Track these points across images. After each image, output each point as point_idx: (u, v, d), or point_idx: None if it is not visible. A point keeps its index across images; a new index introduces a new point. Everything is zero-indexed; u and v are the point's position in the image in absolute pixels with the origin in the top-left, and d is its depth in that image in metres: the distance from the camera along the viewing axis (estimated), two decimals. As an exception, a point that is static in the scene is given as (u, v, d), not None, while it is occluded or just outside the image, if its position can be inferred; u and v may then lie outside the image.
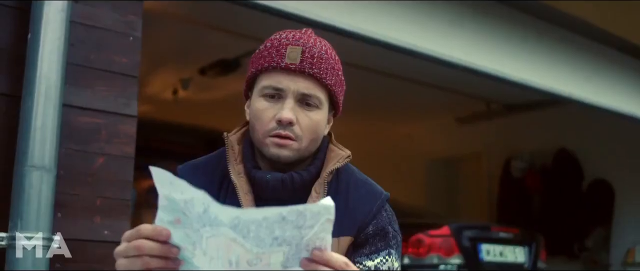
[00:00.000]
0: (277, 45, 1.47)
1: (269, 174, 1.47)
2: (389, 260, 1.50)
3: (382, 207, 1.54)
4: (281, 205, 1.43)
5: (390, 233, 1.52)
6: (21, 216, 2.00)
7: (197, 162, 1.61)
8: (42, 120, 2.06)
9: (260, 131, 1.45)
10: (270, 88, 1.44)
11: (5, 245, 1.99)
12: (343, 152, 1.56)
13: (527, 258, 6.17)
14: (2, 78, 2.15)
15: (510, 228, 6.27)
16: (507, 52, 5.05)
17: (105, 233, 2.26)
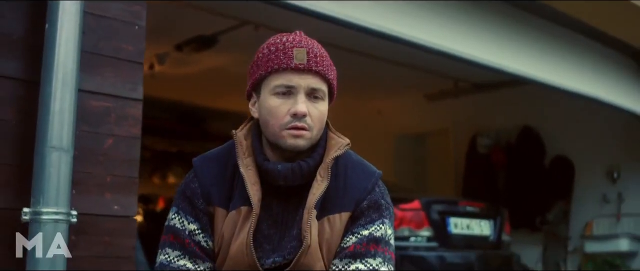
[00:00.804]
0: (282, 48, 1.68)
1: (280, 165, 1.69)
2: (383, 228, 1.74)
3: (376, 184, 1.78)
4: (290, 191, 1.66)
5: (383, 205, 1.76)
6: (43, 193, 2.19)
7: (210, 154, 1.83)
8: (60, 104, 2.24)
9: (276, 125, 1.66)
10: (282, 87, 1.66)
11: (28, 219, 2.18)
12: (342, 140, 1.78)
13: (492, 231, 6.47)
14: (20, 65, 2.32)
15: (476, 203, 6.55)
16: (474, 35, 5.27)
17: (115, 208, 2.46)
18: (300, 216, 1.70)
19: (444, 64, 6.53)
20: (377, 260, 1.69)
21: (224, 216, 1.73)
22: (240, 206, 1.71)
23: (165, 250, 1.75)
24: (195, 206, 1.75)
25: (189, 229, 1.74)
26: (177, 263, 1.72)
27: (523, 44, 5.77)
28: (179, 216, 1.76)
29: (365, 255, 1.69)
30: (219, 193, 1.75)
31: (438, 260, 5.72)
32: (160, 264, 1.74)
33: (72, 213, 2.24)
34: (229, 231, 1.71)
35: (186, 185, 1.79)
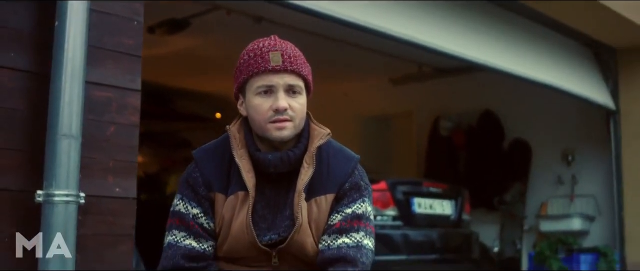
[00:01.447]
0: (259, 53, 1.93)
1: (270, 154, 1.94)
2: (363, 206, 2.00)
3: (355, 168, 2.04)
4: (279, 177, 1.91)
5: (362, 186, 2.03)
6: (54, 177, 2.40)
7: (208, 147, 2.07)
8: (69, 96, 2.44)
9: (261, 120, 1.91)
10: (263, 87, 1.91)
11: (42, 201, 2.39)
12: (323, 130, 2.03)
13: (454, 210, 6.76)
14: (31, 59, 2.51)
15: (439, 184, 6.83)
16: (437, 24, 5.48)
17: (116, 190, 2.68)
18: (291, 199, 1.95)
19: (408, 49, 6.75)
20: (360, 233, 1.96)
21: (223, 201, 1.97)
22: (237, 192, 1.95)
23: (172, 232, 1.98)
24: (197, 193, 1.98)
25: (192, 213, 1.97)
26: (183, 242, 1.95)
27: (484, 34, 6.02)
28: (183, 202, 1.99)
29: (350, 230, 1.95)
30: (218, 181, 1.99)
31: (402, 237, 5.98)
32: (168, 244, 1.97)
33: (81, 195, 2.45)
34: (229, 213, 1.95)
35: (188, 174, 2.02)
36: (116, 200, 2.69)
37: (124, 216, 2.72)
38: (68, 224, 2.41)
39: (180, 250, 1.93)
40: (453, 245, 6.67)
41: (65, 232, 2.40)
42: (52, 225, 2.39)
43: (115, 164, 2.68)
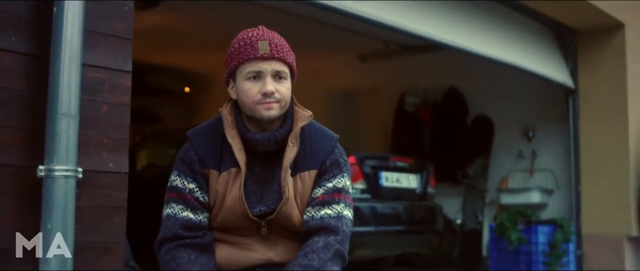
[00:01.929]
0: (249, 42, 2.13)
1: (258, 135, 2.15)
2: (343, 180, 2.23)
3: (335, 146, 2.27)
4: (270, 156, 2.11)
5: (342, 163, 2.25)
6: (55, 153, 2.57)
7: (202, 127, 2.27)
8: (67, 77, 2.61)
9: (251, 102, 2.11)
10: (253, 72, 2.11)
11: (43, 175, 2.56)
12: (306, 112, 2.25)
13: (419, 184, 7.02)
14: (30, 42, 2.67)
15: (405, 159, 7.07)
16: (403, 5, 5.63)
17: (110, 165, 2.86)
18: (278, 174, 2.16)
19: (376, 28, 6.94)
20: (340, 205, 2.18)
21: (216, 176, 2.17)
22: (230, 168, 2.16)
23: (170, 205, 2.18)
24: (193, 169, 2.18)
25: (188, 187, 2.17)
26: (181, 214, 2.15)
27: (449, 14, 6.18)
28: (180, 177, 2.19)
29: (331, 202, 2.18)
30: (211, 159, 2.19)
31: (370, 210, 6.21)
32: (167, 216, 2.17)
33: (79, 170, 2.63)
34: (222, 188, 2.16)
35: (184, 153, 2.22)
36: (110, 175, 2.87)
37: (118, 190, 2.90)
38: (67, 197, 2.59)
39: (178, 221, 2.14)
40: (418, 217, 6.92)
41: (65, 205, 2.58)
42: (53, 198, 2.57)
43: (109, 141, 2.86)
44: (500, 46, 6.79)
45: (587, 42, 7.83)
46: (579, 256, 7.53)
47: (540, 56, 7.41)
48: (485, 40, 6.61)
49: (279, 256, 2.17)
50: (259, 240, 2.17)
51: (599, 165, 7.70)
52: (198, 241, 2.13)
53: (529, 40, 7.35)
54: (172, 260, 2.08)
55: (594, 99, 7.77)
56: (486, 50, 6.50)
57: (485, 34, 6.66)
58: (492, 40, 6.73)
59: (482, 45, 6.51)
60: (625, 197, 7.48)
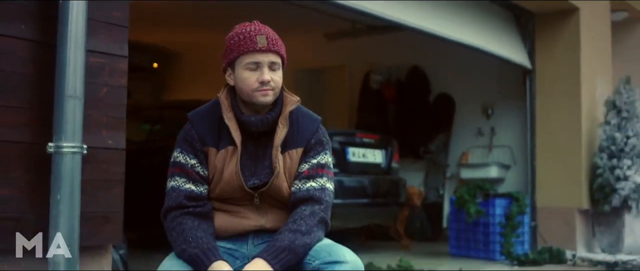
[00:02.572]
0: (248, 36, 2.41)
1: (253, 117, 2.44)
2: (325, 157, 2.54)
3: (318, 127, 2.57)
4: (262, 136, 2.41)
5: (324, 142, 2.56)
6: (63, 132, 2.83)
7: (201, 109, 2.55)
8: (73, 63, 2.87)
9: (250, 89, 2.40)
10: (252, 63, 2.40)
11: (53, 151, 2.83)
12: (294, 98, 2.54)
13: (384, 159, 7.36)
14: (38, 31, 2.92)
15: (371, 135, 7.40)
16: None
17: (109, 142, 3.13)
18: (270, 152, 2.46)
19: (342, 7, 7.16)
20: (323, 179, 2.50)
21: (215, 153, 2.47)
22: (227, 146, 2.45)
23: (174, 178, 2.47)
24: (194, 147, 2.47)
25: (190, 163, 2.46)
26: (185, 186, 2.44)
27: None
28: (182, 154, 2.48)
29: (316, 176, 2.49)
30: (210, 137, 2.48)
31: (338, 184, 6.52)
32: (172, 187, 2.46)
33: (84, 147, 2.91)
34: (220, 163, 2.45)
35: (186, 132, 2.51)
36: (109, 151, 3.14)
37: (116, 165, 3.18)
38: (74, 171, 2.86)
39: (182, 192, 2.43)
40: (383, 190, 7.30)
41: (72, 178, 2.85)
42: (61, 172, 2.83)
43: (108, 120, 3.13)
44: (462, 28, 7.09)
45: (544, 25, 8.21)
46: (533, 227, 7.93)
47: (500, 38, 7.75)
48: (447, 22, 6.89)
49: (270, 223, 2.47)
50: (252, 209, 2.48)
51: (553, 142, 8.09)
52: (199, 210, 2.43)
53: (490, 23, 7.67)
54: (178, 225, 2.37)
55: (549, 79, 8.15)
56: (448, 33, 6.79)
57: (447, 16, 6.93)
58: (454, 22, 7.02)
59: (444, 27, 6.78)
60: (577, 173, 7.92)
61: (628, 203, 7.57)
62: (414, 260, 6.04)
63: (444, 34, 6.74)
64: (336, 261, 2.24)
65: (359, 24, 9.33)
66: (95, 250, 3.12)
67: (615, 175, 7.57)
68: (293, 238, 2.29)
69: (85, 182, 2.96)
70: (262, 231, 2.48)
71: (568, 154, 7.98)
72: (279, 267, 2.23)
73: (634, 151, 7.59)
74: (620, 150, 7.64)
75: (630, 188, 7.50)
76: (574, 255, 7.22)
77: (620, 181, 7.55)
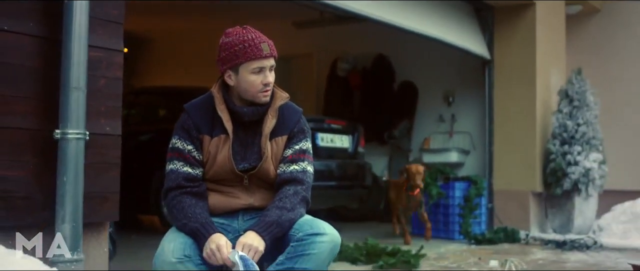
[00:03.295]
0: (253, 44, 2.73)
1: (245, 108, 2.79)
2: (307, 143, 2.90)
3: (300, 117, 2.93)
4: (250, 124, 2.76)
5: (305, 130, 2.92)
6: (68, 120, 3.14)
7: (195, 102, 2.89)
8: (77, 58, 3.18)
9: (255, 90, 2.74)
10: (257, 68, 2.73)
11: (59, 137, 3.14)
12: (284, 94, 2.90)
13: (351, 144, 7.72)
14: (44, 27, 3.22)
15: (339, 121, 7.75)
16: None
17: (107, 129, 3.45)
18: (258, 139, 2.82)
19: (308, 0, 7.39)
20: (305, 162, 2.86)
21: (209, 140, 2.81)
22: (220, 135, 2.80)
23: (173, 162, 2.80)
24: (190, 134, 2.81)
25: (187, 149, 2.80)
26: (182, 169, 2.78)
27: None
28: (180, 141, 2.81)
29: (298, 160, 2.85)
30: (204, 126, 2.82)
31: (307, 167, 6.87)
32: (170, 170, 2.80)
33: (86, 133, 3.22)
34: (214, 149, 2.80)
35: (183, 121, 2.84)
36: (107, 137, 3.46)
37: (113, 149, 3.50)
38: (78, 155, 3.18)
39: (180, 174, 2.77)
40: (349, 173, 7.65)
41: (77, 162, 3.17)
42: (67, 156, 3.15)
43: (106, 109, 3.45)
44: (425, 21, 7.43)
45: (502, 18, 8.63)
46: (490, 209, 8.40)
47: (460, 30, 8.13)
48: (411, 15, 7.21)
49: (258, 202, 2.83)
50: (242, 189, 2.83)
51: (510, 129, 8.53)
52: (196, 190, 2.78)
53: (452, 16, 8.05)
54: (178, 203, 2.72)
55: (507, 69, 8.59)
56: (412, 25, 7.11)
57: (411, 9, 7.25)
58: (418, 15, 7.35)
59: (409, 20, 7.10)
60: (532, 158, 8.38)
61: (578, 186, 8.07)
62: (379, 239, 6.40)
63: (408, 26, 7.04)
64: (317, 234, 2.61)
65: (327, 14, 9.51)
66: (94, 227, 3.45)
67: (567, 160, 8.06)
68: (280, 214, 2.65)
69: (85, 165, 3.28)
70: (251, 208, 2.84)
71: (523, 140, 8.43)
72: (268, 238, 2.59)
73: (583, 138, 8.08)
74: (571, 137, 8.12)
75: (580, 172, 8.00)
76: (527, 235, 7.68)
77: (571, 166, 8.04)
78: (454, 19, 8.11)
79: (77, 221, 3.17)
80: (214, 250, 2.52)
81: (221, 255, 2.51)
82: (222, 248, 2.52)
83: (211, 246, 2.53)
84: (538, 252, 6.57)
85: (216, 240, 2.56)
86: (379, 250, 5.68)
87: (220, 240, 2.56)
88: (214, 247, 2.52)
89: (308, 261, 2.57)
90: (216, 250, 2.52)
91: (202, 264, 2.58)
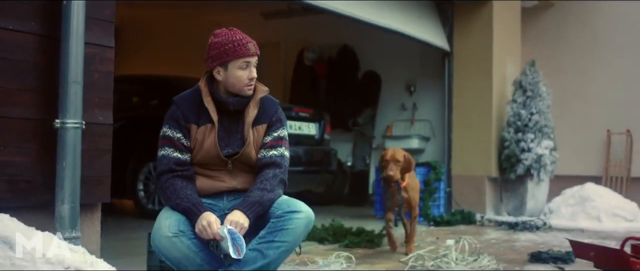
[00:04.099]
0: (241, 44, 3.10)
1: (231, 98, 3.17)
2: (283, 131, 3.29)
3: (277, 108, 3.31)
4: (233, 114, 3.14)
5: (282, 119, 3.31)
6: (67, 110, 3.47)
7: (183, 95, 3.24)
8: (75, 54, 3.50)
9: (242, 84, 3.12)
10: (244, 64, 3.11)
11: (59, 126, 3.47)
12: (263, 88, 3.28)
13: (317, 131, 8.08)
14: (44, 26, 3.54)
15: (306, 109, 8.09)
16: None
17: (100, 119, 3.78)
18: (241, 127, 3.19)
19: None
20: (282, 148, 3.25)
21: (196, 129, 3.17)
22: (206, 124, 3.17)
23: (164, 148, 3.17)
24: (179, 123, 3.17)
25: (177, 136, 3.16)
26: (173, 155, 3.15)
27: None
28: (170, 129, 3.17)
29: (276, 146, 3.23)
30: (192, 116, 3.18)
31: (276, 154, 7.22)
32: (162, 156, 3.16)
33: (83, 123, 3.56)
34: (201, 137, 3.16)
35: (173, 112, 3.20)
36: (100, 126, 3.80)
37: (105, 137, 3.84)
38: (76, 143, 3.52)
39: (171, 159, 3.13)
40: (316, 159, 8.02)
41: (75, 149, 3.50)
42: (66, 144, 3.48)
43: (99, 100, 3.78)
44: (388, 15, 7.80)
45: (462, 13, 9.07)
46: (448, 192, 8.87)
47: (422, 24, 8.53)
48: (374, 9, 7.58)
49: (240, 185, 3.21)
50: (226, 173, 3.20)
51: (468, 118, 8.99)
52: (185, 173, 3.14)
53: (414, 10, 8.43)
54: (170, 186, 3.08)
55: (465, 61, 9.03)
56: (374, 18, 7.48)
57: (375, 3, 7.63)
58: (381, 9, 7.73)
59: (371, 13, 7.46)
60: (488, 145, 8.87)
61: (531, 171, 8.59)
62: (344, 220, 6.78)
63: (372, 20, 7.42)
64: (294, 211, 3.01)
65: (294, 5, 9.88)
66: (89, 208, 3.79)
67: (520, 147, 8.57)
68: (261, 195, 3.04)
69: (83, 152, 3.61)
70: (234, 191, 3.22)
71: (480, 128, 8.90)
72: (252, 216, 2.98)
73: (536, 126, 8.59)
74: (524, 125, 8.62)
75: (533, 158, 8.51)
76: (482, 217, 8.16)
77: (524, 152, 8.56)
78: (416, 13, 8.50)
79: (75, 202, 3.51)
80: (205, 226, 2.89)
81: (211, 229, 2.89)
82: (212, 224, 2.90)
83: (202, 223, 2.91)
84: (492, 232, 7.04)
85: (206, 217, 2.93)
86: (345, 230, 6.10)
87: (210, 217, 2.94)
88: (205, 223, 2.90)
89: (286, 235, 2.97)
90: (207, 226, 2.89)
91: (195, 238, 2.96)
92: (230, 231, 2.86)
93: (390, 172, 5.27)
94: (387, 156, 5.39)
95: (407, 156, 5.41)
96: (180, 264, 2.95)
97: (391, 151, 5.43)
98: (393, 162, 5.32)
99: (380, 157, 5.50)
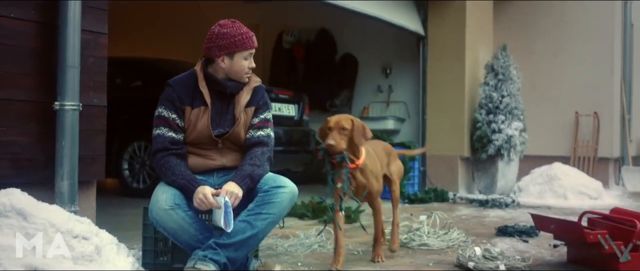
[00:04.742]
0: (247, 37, 3.39)
1: (229, 82, 3.43)
2: (269, 114, 3.58)
3: (264, 93, 3.59)
4: (225, 97, 3.41)
5: (268, 103, 3.60)
6: (66, 93, 3.71)
7: (178, 78, 3.50)
8: (72, 41, 3.74)
9: (243, 73, 3.39)
10: (248, 55, 3.40)
11: (58, 108, 3.71)
12: (257, 78, 3.55)
13: (296, 112, 8.32)
14: (44, 14, 3.77)
15: (286, 91, 8.33)
16: None
17: (95, 101, 4.03)
18: (232, 109, 3.46)
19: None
20: (268, 129, 3.53)
21: (190, 111, 3.43)
22: (200, 106, 3.43)
23: (159, 128, 3.42)
24: (174, 105, 3.43)
25: (171, 117, 3.42)
26: (168, 134, 3.40)
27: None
28: (165, 110, 3.43)
29: (263, 127, 3.52)
30: (187, 98, 3.44)
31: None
32: (157, 135, 3.42)
33: (80, 105, 3.81)
34: (194, 118, 3.43)
35: (168, 94, 3.45)
36: (95, 108, 4.05)
37: (100, 118, 4.09)
38: (74, 124, 3.77)
39: (166, 139, 3.39)
40: (295, 139, 8.27)
41: (72, 129, 3.75)
42: (65, 125, 3.73)
43: (94, 84, 4.02)
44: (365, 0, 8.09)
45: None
46: (423, 172, 9.19)
47: (397, 9, 8.78)
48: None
49: (230, 163, 3.49)
50: (217, 151, 3.48)
51: (441, 100, 9.28)
52: (179, 151, 3.41)
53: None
54: (166, 163, 3.35)
55: (439, 45, 9.32)
56: (352, 4, 7.73)
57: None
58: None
59: None
60: (460, 126, 9.18)
61: (501, 152, 8.94)
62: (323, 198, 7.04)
63: (347, 5, 7.65)
64: (279, 186, 3.30)
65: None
66: (85, 184, 4.04)
67: (492, 128, 8.92)
68: (252, 170, 3.33)
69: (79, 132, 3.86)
70: (224, 168, 3.50)
71: (453, 110, 9.21)
72: (244, 188, 3.26)
73: (507, 108, 8.93)
74: (496, 107, 8.96)
75: (503, 139, 8.86)
76: (454, 195, 8.50)
77: (495, 133, 8.90)
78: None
79: (74, 179, 3.77)
80: (203, 198, 3.17)
81: (208, 200, 3.16)
82: (208, 196, 3.17)
83: (199, 195, 3.18)
84: (463, 209, 7.38)
85: (202, 190, 3.21)
86: (323, 207, 6.39)
87: (205, 190, 3.21)
88: (201, 196, 3.18)
89: (273, 208, 3.26)
90: (204, 198, 3.17)
91: (189, 210, 3.24)
92: (226, 203, 3.14)
93: (331, 141, 3.79)
94: (330, 122, 3.90)
95: (357, 122, 3.93)
96: (176, 234, 3.22)
97: (336, 117, 3.93)
98: (337, 129, 3.86)
99: (323, 125, 3.96)
